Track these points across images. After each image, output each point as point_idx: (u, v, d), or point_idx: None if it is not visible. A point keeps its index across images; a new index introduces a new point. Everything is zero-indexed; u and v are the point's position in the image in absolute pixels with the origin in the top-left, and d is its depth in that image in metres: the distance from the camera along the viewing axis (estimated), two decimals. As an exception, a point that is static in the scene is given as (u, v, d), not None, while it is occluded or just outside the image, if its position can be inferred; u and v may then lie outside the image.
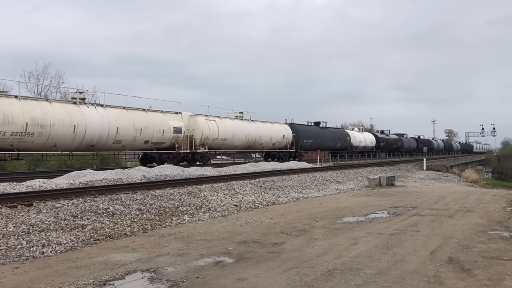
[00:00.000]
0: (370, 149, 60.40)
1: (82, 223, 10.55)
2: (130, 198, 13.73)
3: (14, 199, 12.20)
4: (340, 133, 53.88)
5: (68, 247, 8.56)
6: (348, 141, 53.85)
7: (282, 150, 40.46)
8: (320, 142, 46.75)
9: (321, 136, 47.50)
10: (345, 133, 54.92)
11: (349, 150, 53.66)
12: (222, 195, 16.03)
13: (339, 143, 51.49)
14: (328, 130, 50.31)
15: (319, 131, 48.07)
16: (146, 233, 10.16)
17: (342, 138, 52.60)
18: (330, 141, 49.32)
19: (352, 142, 55.00)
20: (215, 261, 7.67)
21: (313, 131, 47.11)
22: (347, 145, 53.41)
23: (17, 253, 7.94)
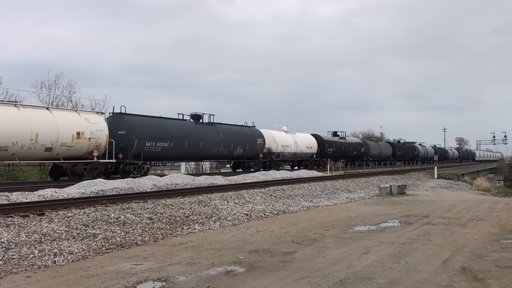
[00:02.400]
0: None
1: (93, 232, 10.59)
2: (141, 207, 13.77)
3: (26, 208, 12.29)
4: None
5: (80, 256, 8.59)
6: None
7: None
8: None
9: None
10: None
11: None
12: (233, 204, 16.03)
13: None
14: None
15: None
16: (157, 242, 10.18)
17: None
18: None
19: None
20: (226, 270, 7.66)
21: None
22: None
23: (29, 262, 7.99)
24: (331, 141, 49.10)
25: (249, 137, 35.61)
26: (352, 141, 55.33)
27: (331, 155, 46.30)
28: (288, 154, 40.61)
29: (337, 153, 49.03)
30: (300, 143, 42.43)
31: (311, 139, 45.16)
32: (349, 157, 52.75)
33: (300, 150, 42.20)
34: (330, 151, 47.03)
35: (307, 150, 43.73)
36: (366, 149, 56.61)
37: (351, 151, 52.71)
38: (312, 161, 44.63)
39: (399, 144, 71.00)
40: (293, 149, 41.00)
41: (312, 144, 44.73)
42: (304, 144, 43.23)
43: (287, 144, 40.54)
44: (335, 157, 48.03)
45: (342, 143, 51.17)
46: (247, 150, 34.97)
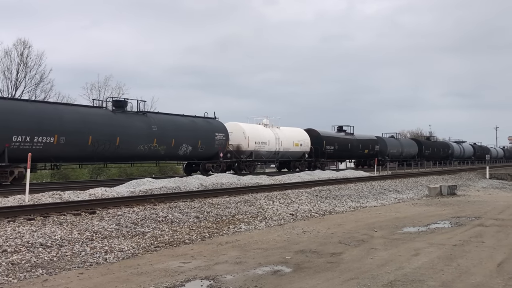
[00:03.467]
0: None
1: (142, 231, 10.79)
2: (188, 206, 13.94)
3: (78, 206, 12.67)
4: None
5: (130, 253, 8.77)
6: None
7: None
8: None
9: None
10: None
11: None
12: (278, 204, 16.01)
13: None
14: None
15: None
16: (204, 241, 10.27)
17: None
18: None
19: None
20: (273, 270, 7.64)
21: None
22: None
23: (81, 259, 8.21)
24: (332, 137, 41.33)
25: (203, 131, 27.81)
26: (363, 138, 46.66)
27: (331, 154, 40.28)
28: (266, 153, 33.15)
29: (341, 151, 41.54)
30: (284, 140, 34.83)
31: (301, 135, 37.32)
32: (358, 156, 46.14)
33: (284, 148, 34.75)
34: (330, 150, 39.72)
35: (295, 148, 36.11)
36: (382, 147, 48.74)
37: (360, 150, 44.98)
38: (304, 161, 37.17)
39: (427, 142, 62.08)
40: (273, 147, 33.54)
41: (303, 140, 36.89)
42: (290, 140, 35.56)
43: (264, 141, 32.83)
44: (337, 156, 42.15)
45: (347, 140, 43.22)
46: (200, 148, 27.51)
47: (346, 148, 42.69)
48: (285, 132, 35.56)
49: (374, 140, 48.37)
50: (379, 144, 48.30)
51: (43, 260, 8.01)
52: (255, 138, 32.03)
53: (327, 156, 39.47)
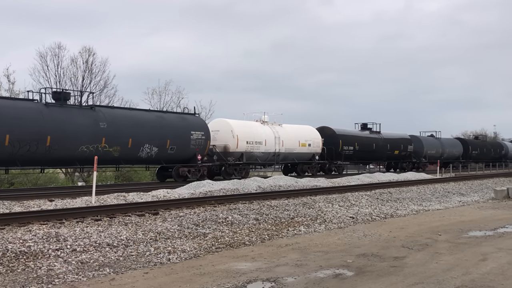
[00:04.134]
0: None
1: (203, 232, 10.97)
2: (247, 208, 14.05)
3: (142, 208, 13.05)
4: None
5: (192, 254, 8.93)
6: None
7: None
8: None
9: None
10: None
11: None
12: (337, 207, 15.84)
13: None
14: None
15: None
16: (264, 243, 10.31)
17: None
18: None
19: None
20: (335, 273, 7.57)
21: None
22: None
23: (146, 259, 8.45)
24: (351, 136, 35.73)
25: (174, 128, 23.23)
26: (392, 136, 40.48)
27: (350, 156, 35.26)
28: (261, 154, 28.08)
29: (362, 153, 36.27)
30: (287, 139, 29.82)
31: (309, 134, 32.02)
32: (387, 158, 40.22)
33: (287, 148, 29.76)
34: (348, 151, 34.50)
35: (302, 149, 30.92)
36: (417, 147, 42.75)
37: (388, 150, 39.12)
38: (315, 164, 31.96)
39: (475, 141, 54.44)
40: (271, 147, 28.56)
41: (312, 140, 31.68)
42: (295, 140, 30.43)
43: (259, 140, 27.88)
44: (358, 158, 36.92)
45: (372, 139, 37.65)
46: (170, 149, 22.82)
47: (370, 148, 37.04)
48: (288, 130, 30.61)
49: (406, 139, 42.22)
50: (413, 143, 42.21)
51: (110, 259, 8.30)
52: (247, 137, 27.12)
53: (344, 158, 34.35)
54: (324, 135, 33.12)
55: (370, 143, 37.25)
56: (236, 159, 26.46)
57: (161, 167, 24.53)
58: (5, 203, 13.72)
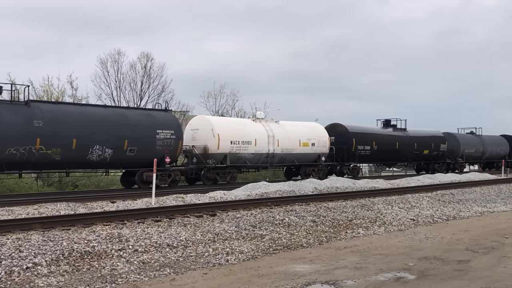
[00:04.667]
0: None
1: (260, 233, 10.98)
2: (304, 210, 13.96)
3: (200, 209, 13.24)
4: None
5: (250, 256, 8.96)
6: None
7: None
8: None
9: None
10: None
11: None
12: (397, 209, 15.47)
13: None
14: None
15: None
16: (321, 245, 10.21)
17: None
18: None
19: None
20: (396, 276, 7.37)
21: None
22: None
23: (205, 259, 8.54)
24: (368, 134, 31.48)
25: (135, 127, 20.39)
26: (420, 134, 36.05)
27: (367, 157, 31.45)
28: (251, 156, 24.64)
29: (383, 153, 32.19)
30: (284, 138, 26.00)
31: (313, 131, 28.12)
32: (414, 158, 35.68)
33: (284, 149, 26.05)
34: (365, 151, 30.57)
35: (303, 149, 27.04)
36: (452, 146, 38.11)
37: (416, 150, 34.86)
38: (322, 167, 27.93)
39: None
40: (263, 148, 24.87)
41: (316, 139, 27.76)
42: (294, 139, 26.66)
43: (248, 139, 24.36)
44: (378, 158, 33.00)
45: (395, 137, 33.53)
46: (129, 151, 20.00)
47: (392, 147, 32.88)
48: (286, 128, 26.84)
49: (438, 137, 37.45)
50: (446, 142, 37.39)
51: (170, 260, 8.46)
52: (231, 137, 23.73)
53: (359, 159, 30.53)
54: (335, 133, 29.58)
55: (393, 142, 33.14)
56: (218, 161, 23.23)
57: (126, 172, 21.57)
58: (70, 205, 14.28)
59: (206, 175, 22.90)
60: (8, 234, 9.27)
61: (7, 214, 12.59)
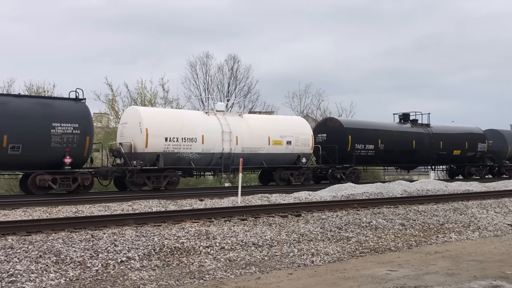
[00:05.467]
0: None
1: (346, 235, 10.81)
2: (392, 213, 13.57)
3: (285, 209, 13.27)
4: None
5: (335, 257, 8.84)
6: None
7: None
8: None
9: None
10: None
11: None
12: (493, 213, 14.61)
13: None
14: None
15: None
16: (410, 249, 9.87)
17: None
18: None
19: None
20: (491, 285, 6.95)
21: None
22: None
23: (290, 260, 8.55)
24: (371, 130, 26.35)
25: (22, 118, 16.96)
26: (448, 131, 30.65)
27: (372, 157, 26.07)
28: (197, 156, 20.54)
29: (392, 153, 26.75)
30: (247, 134, 21.82)
31: (291, 127, 23.47)
32: (439, 160, 29.71)
33: (248, 148, 21.77)
34: (366, 150, 25.50)
35: (276, 149, 22.57)
36: (496, 146, 32.23)
37: (442, 149, 28.95)
38: (304, 170, 23.49)
39: None
40: (215, 146, 20.86)
41: (295, 136, 23.12)
42: (262, 136, 22.22)
43: (192, 136, 20.31)
44: (386, 160, 27.29)
45: (412, 134, 28.05)
46: (11, 149, 16.61)
47: (406, 147, 27.29)
48: (251, 122, 22.61)
49: (475, 134, 31.40)
50: (487, 141, 31.37)
51: (256, 258, 8.55)
52: (165, 132, 19.68)
53: (358, 160, 25.35)
54: (327, 130, 25.48)
55: (407, 140, 27.43)
56: (148, 162, 19.35)
57: (24, 176, 18.47)
58: (161, 202, 14.90)
59: (131, 179, 18.97)
60: (104, 229, 9.83)
61: (104, 210, 13.37)
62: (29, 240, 8.59)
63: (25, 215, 12.41)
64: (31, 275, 6.92)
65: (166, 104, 34.49)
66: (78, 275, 7.15)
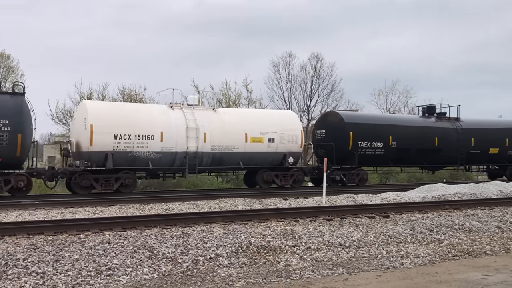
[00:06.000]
0: None
1: (438, 238, 10.38)
2: (487, 215, 12.85)
3: (372, 210, 12.99)
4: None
5: (426, 260, 8.52)
6: None
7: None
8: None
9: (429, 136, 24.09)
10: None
11: None
12: None
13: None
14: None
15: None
16: (508, 253, 9.29)
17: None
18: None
19: None
20: None
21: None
22: None
23: (378, 261, 8.35)
24: (379, 125, 23.19)
25: None
26: (483, 125, 26.68)
27: (379, 157, 22.80)
28: (155, 156, 18.42)
29: (406, 152, 23.36)
30: (217, 130, 19.52)
31: (275, 122, 20.94)
32: (468, 159, 25.54)
33: (217, 146, 19.43)
34: (372, 149, 22.36)
35: (256, 147, 20.11)
36: None
37: (472, 147, 25.14)
38: (295, 171, 20.94)
39: None
40: (177, 144, 18.72)
41: (279, 132, 20.60)
42: (238, 132, 19.85)
43: (148, 133, 18.17)
44: (398, 160, 23.94)
45: (434, 130, 24.54)
46: None
47: (426, 144, 23.76)
48: (224, 117, 20.21)
49: None
50: None
51: (343, 259, 8.43)
52: (115, 128, 17.77)
53: (361, 160, 22.24)
54: (326, 126, 22.80)
55: (428, 136, 23.74)
56: (95, 163, 17.46)
57: None
58: (246, 201, 15.13)
59: (75, 181, 17.23)
60: (194, 226, 10.13)
61: (193, 208, 13.80)
62: (124, 235, 9.04)
63: (120, 211, 13.10)
64: (126, 269, 7.28)
65: (250, 104, 34.98)
66: (170, 270, 7.43)
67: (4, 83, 34.93)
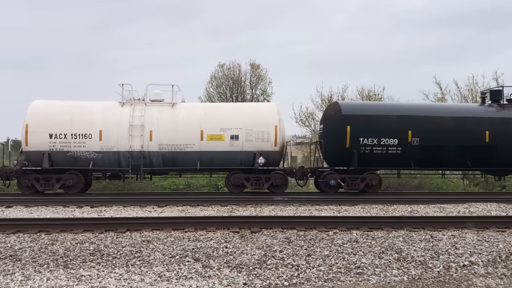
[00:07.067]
0: None
1: None
2: None
3: None
4: None
5: None
6: None
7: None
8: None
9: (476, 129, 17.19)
10: None
11: None
12: None
13: None
14: None
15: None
16: None
17: None
18: None
19: None
20: None
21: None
22: None
23: None
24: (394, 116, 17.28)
25: None
26: None
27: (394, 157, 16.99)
28: (96, 156, 16.93)
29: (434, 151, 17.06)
30: (166, 128, 17.33)
31: (245, 116, 17.63)
32: None
33: (166, 145, 17.17)
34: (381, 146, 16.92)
35: (216, 146, 17.21)
36: None
37: None
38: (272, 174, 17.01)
39: None
40: (118, 143, 17.09)
41: (245, 128, 17.35)
42: (193, 129, 17.29)
43: (84, 132, 17.14)
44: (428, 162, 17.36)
45: (484, 121, 17.31)
46: None
47: (473, 140, 17.27)
48: (180, 113, 17.84)
49: None
50: None
51: None
52: (50, 128, 17.16)
53: (364, 161, 17.03)
54: (324, 120, 18.63)
55: (474, 129, 17.31)
56: (36, 162, 16.94)
57: None
58: (501, 206, 13.80)
59: (20, 181, 17.04)
60: (443, 230, 9.61)
61: (439, 211, 13.12)
62: (371, 235, 9.07)
63: (363, 211, 13.18)
64: (375, 269, 7.30)
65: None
66: (420, 274, 7.20)
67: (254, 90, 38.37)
